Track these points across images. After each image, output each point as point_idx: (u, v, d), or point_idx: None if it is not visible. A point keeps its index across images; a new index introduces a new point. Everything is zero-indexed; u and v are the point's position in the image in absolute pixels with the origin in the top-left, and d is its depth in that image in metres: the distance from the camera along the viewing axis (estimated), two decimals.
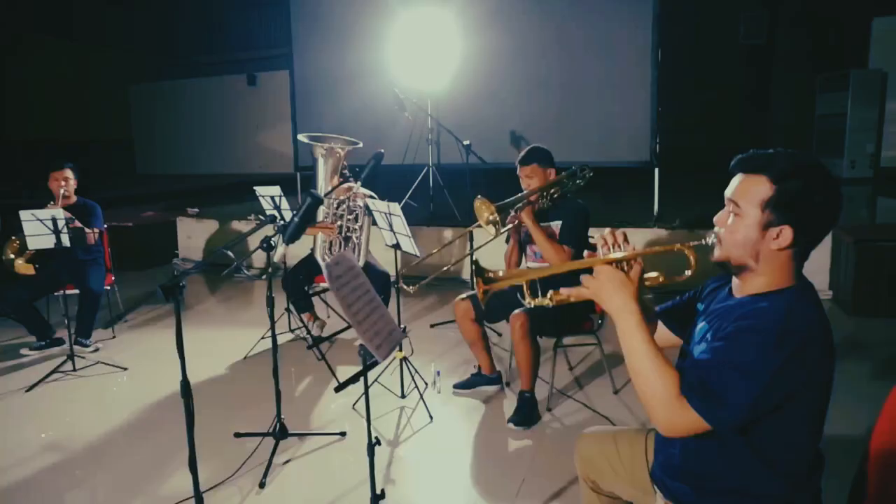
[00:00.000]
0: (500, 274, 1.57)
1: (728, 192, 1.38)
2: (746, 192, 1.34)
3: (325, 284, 4.34)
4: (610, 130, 6.20)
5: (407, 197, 6.33)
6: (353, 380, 1.61)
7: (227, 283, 6.32)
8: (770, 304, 1.30)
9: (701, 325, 1.48)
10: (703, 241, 1.43)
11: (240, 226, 6.88)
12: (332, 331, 4.39)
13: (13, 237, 4.34)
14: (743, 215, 1.34)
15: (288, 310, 4.41)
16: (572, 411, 3.24)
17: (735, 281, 1.44)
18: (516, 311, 2.99)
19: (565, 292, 1.50)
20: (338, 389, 1.59)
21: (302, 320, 4.30)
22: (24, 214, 3.84)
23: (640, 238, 5.42)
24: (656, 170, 5.93)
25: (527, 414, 3.07)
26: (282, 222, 2.34)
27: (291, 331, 4.45)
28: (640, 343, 1.33)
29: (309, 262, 4.25)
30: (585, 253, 1.49)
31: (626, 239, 1.45)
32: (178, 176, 14.32)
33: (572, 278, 1.49)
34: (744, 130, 11.31)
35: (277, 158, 12.98)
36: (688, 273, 1.45)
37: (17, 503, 2.57)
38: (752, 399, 1.22)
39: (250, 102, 13.94)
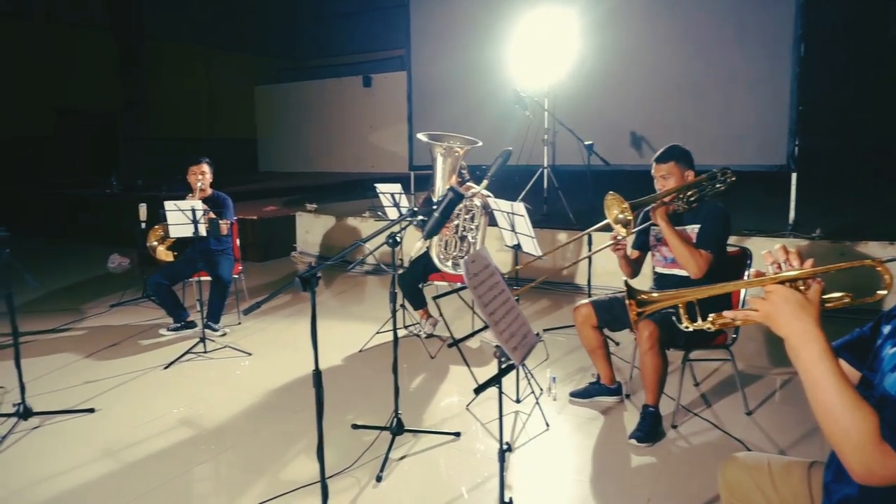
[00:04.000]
0: (655, 295, 1.45)
1: None
2: None
3: (439, 283, 4.35)
4: (740, 131, 5.78)
5: (520, 198, 6.24)
6: (491, 382, 1.55)
7: (340, 277, 6.52)
8: None
9: (893, 350, 1.28)
10: None
11: (355, 222, 7.09)
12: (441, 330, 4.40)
13: (156, 225, 4.70)
14: None
15: (402, 306, 4.46)
16: (700, 430, 3.02)
17: None
18: (644, 319, 2.81)
19: (730, 315, 1.35)
20: (477, 391, 1.54)
21: (441, 314, 4.33)
22: (168, 205, 4.14)
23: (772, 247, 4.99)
24: (793, 175, 5.45)
25: (650, 429, 2.89)
26: (421, 218, 2.34)
27: (405, 327, 4.50)
28: (827, 375, 1.15)
29: (424, 261, 4.27)
30: (752, 271, 1.33)
31: (799, 257, 1.28)
32: (296, 173, 15.07)
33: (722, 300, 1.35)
34: (891, 132, 10.21)
35: (390, 158, 13.35)
36: (881, 293, 1.26)
37: (152, 471, 2.74)
38: None
39: (365, 103, 14.40)
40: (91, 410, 3.33)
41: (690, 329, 1.42)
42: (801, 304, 1.21)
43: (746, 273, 3.08)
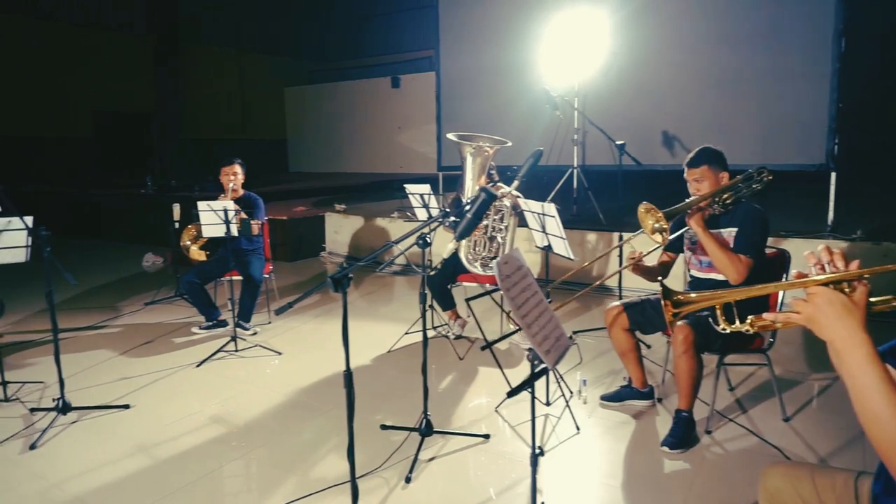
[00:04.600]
0: (692, 296, 1.41)
1: None
2: None
3: (468, 284, 4.33)
4: (777, 130, 5.64)
5: (549, 198, 6.19)
6: (524, 385, 1.53)
7: (369, 278, 6.55)
8: None
9: None
10: None
11: (384, 223, 7.11)
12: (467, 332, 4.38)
13: (190, 225, 4.78)
14: None
15: (431, 307, 4.45)
16: (735, 436, 2.94)
17: None
18: (679, 322, 2.76)
19: (769, 317, 1.30)
20: (510, 394, 1.52)
21: (474, 316, 4.31)
22: (202, 205, 4.20)
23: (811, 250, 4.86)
24: (833, 174, 5.29)
25: (684, 435, 2.83)
26: (454, 219, 2.32)
27: (434, 328, 4.49)
28: (874, 380, 1.09)
29: (453, 261, 4.25)
30: (794, 272, 1.28)
31: (844, 257, 1.23)
32: (325, 174, 15.20)
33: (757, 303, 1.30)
34: None
35: (418, 159, 13.39)
36: None
37: (185, 467, 2.78)
38: None
39: (393, 104, 14.45)
40: (126, 406, 3.39)
41: (728, 331, 1.38)
42: (846, 307, 1.15)
43: (785, 275, 3.00)
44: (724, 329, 1.38)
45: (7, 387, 3.55)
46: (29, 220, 3.35)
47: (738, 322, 1.38)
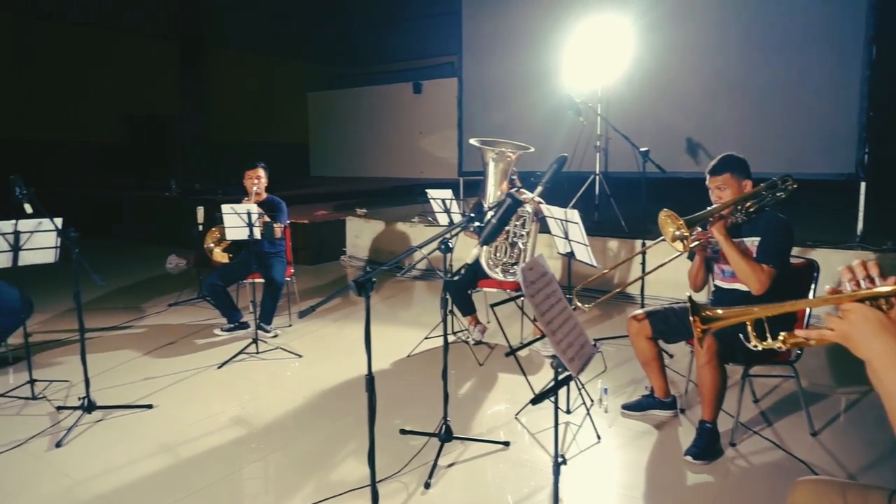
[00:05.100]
0: (720, 312, 1.39)
1: None
2: None
3: (488, 289, 4.32)
4: (804, 138, 5.56)
5: (571, 205, 6.15)
6: (548, 393, 1.52)
7: (389, 282, 6.56)
8: None
9: None
10: None
11: (405, 227, 7.13)
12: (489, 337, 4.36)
13: (213, 228, 4.83)
14: None
15: (451, 312, 4.45)
16: (760, 449, 2.89)
17: None
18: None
19: (803, 334, 1.28)
20: (534, 402, 1.50)
21: (499, 322, 4.30)
22: (225, 208, 4.25)
23: (839, 261, 4.76)
24: (862, 183, 5.19)
25: (707, 446, 2.78)
26: (478, 224, 2.32)
27: (454, 333, 4.49)
28: None
29: (474, 267, 4.24)
30: (827, 288, 1.25)
31: (881, 273, 1.20)
32: (346, 178, 15.30)
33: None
34: None
35: (439, 164, 13.41)
36: None
37: (206, 468, 2.80)
38: None
39: (415, 109, 14.51)
40: (149, 406, 3.43)
41: (760, 348, 1.35)
42: (883, 324, 1.13)
43: (814, 285, 2.95)
44: (755, 346, 1.35)
45: (35, 385, 3.62)
46: (58, 221, 3.41)
47: (769, 339, 1.35)
